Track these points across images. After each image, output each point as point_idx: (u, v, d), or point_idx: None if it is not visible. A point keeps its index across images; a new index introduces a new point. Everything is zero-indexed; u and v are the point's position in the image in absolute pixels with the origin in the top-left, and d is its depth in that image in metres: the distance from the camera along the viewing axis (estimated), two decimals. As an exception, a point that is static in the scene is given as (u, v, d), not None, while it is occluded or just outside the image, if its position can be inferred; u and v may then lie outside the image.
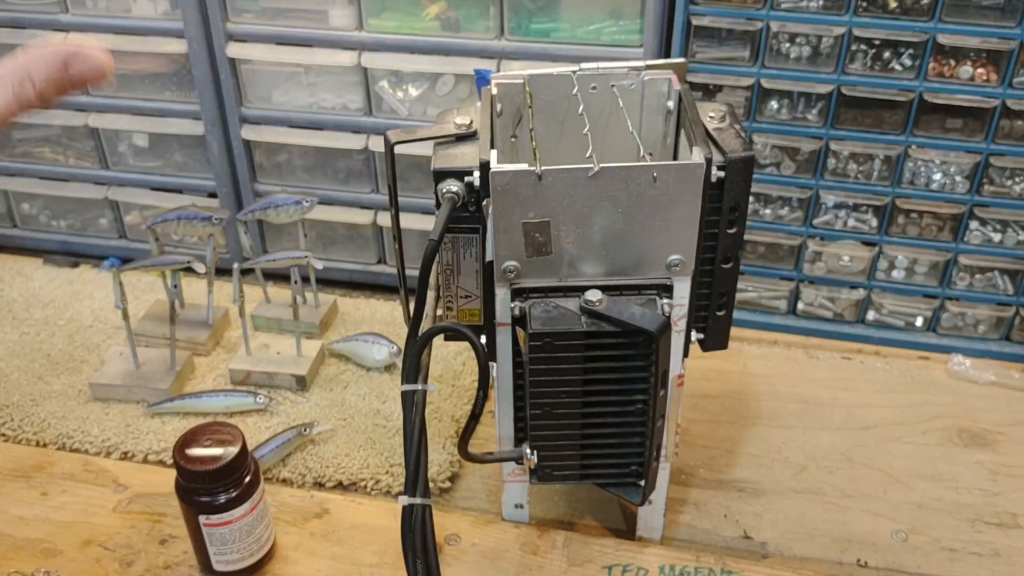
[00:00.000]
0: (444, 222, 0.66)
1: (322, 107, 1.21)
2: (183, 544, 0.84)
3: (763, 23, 1.02)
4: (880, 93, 1.04)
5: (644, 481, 0.77)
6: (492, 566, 0.84)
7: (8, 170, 1.36)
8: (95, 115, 1.28)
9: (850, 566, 0.88)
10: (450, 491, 0.95)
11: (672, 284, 0.71)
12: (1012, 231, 1.10)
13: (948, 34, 0.99)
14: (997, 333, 1.16)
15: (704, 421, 1.04)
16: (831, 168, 1.10)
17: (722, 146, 0.70)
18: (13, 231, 1.41)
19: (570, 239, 0.68)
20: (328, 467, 0.97)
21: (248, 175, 1.27)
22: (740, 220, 0.72)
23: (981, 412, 1.06)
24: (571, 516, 0.92)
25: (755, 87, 1.06)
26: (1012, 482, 0.97)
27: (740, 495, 0.95)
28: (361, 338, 1.12)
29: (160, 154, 1.31)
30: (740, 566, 0.83)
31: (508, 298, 0.71)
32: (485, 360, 0.70)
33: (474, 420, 0.71)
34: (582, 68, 0.77)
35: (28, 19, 1.23)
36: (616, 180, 0.66)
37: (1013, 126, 1.03)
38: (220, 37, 1.17)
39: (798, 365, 1.14)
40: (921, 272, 1.15)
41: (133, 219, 1.37)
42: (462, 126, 0.71)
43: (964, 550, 0.89)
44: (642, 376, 0.71)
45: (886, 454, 1.00)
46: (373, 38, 1.14)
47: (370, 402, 1.06)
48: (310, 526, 0.88)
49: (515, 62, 1.11)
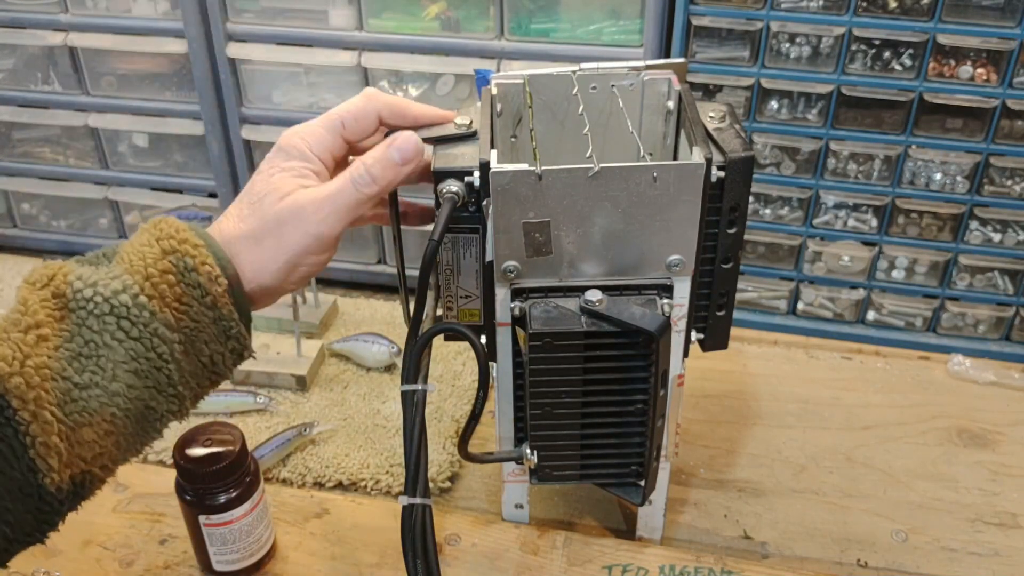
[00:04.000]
0: (444, 222, 0.66)
1: (322, 107, 1.21)
2: (183, 544, 0.84)
3: (763, 23, 1.03)
4: (880, 93, 1.04)
5: (644, 481, 0.77)
6: (492, 566, 0.84)
7: (8, 170, 1.36)
8: (95, 115, 1.28)
9: (850, 566, 0.88)
10: (450, 491, 0.95)
11: (672, 284, 0.71)
12: (1012, 231, 1.10)
13: (948, 34, 0.99)
14: (997, 333, 1.16)
15: (704, 421, 1.04)
16: (831, 168, 1.10)
17: (722, 146, 0.70)
18: (13, 231, 1.41)
19: (570, 239, 0.68)
20: (328, 467, 0.97)
21: (248, 175, 1.27)
22: (740, 220, 0.72)
23: (981, 412, 1.06)
24: (571, 516, 0.92)
25: (755, 87, 1.06)
26: (1012, 482, 0.97)
27: (740, 495, 0.95)
28: (361, 338, 1.12)
29: (160, 154, 1.31)
30: (740, 566, 0.83)
31: (508, 298, 0.71)
32: (485, 360, 0.70)
33: (474, 420, 0.71)
34: (582, 68, 0.77)
35: (28, 19, 1.23)
36: (616, 180, 0.66)
37: (1013, 126, 1.03)
38: (220, 37, 1.17)
39: (798, 365, 1.14)
40: (921, 272, 1.15)
41: (133, 219, 1.37)
42: (462, 126, 0.71)
43: (964, 550, 0.89)
44: (642, 376, 0.71)
45: (886, 454, 1.00)
46: (373, 38, 1.14)
47: (370, 402, 1.06)
48: (310, 526, 0.88)
49: (515, 62, 1.11)
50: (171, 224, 0.62)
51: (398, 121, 0.70)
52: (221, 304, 0.61)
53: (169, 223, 0.62)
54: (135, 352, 0.59)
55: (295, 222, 0.63)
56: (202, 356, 0.62)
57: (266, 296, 0.66)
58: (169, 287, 0.60)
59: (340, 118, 0.67)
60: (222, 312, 0.62)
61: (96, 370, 0.58)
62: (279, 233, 0.63)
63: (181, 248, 0.61)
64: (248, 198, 0.65)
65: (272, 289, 0.65)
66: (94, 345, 0.58)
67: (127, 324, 0.58)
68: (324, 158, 0.67)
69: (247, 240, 0.63)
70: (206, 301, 0.61)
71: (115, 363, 0.58)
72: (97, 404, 0.57)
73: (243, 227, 0.64)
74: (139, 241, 0.62)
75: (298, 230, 0.63)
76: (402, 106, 0.70)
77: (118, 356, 0.58)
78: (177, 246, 0.61)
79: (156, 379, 0.60)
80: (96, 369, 0.58)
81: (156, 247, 0.61)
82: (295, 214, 0.63)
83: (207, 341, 0.62)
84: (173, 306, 0.60)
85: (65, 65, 1.26)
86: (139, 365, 0.59)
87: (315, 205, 0.63)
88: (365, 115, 0.68)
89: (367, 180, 0.64)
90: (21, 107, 1.30)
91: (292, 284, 0.66)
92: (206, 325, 0.61)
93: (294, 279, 0.65)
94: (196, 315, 0.61)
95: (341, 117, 0.68)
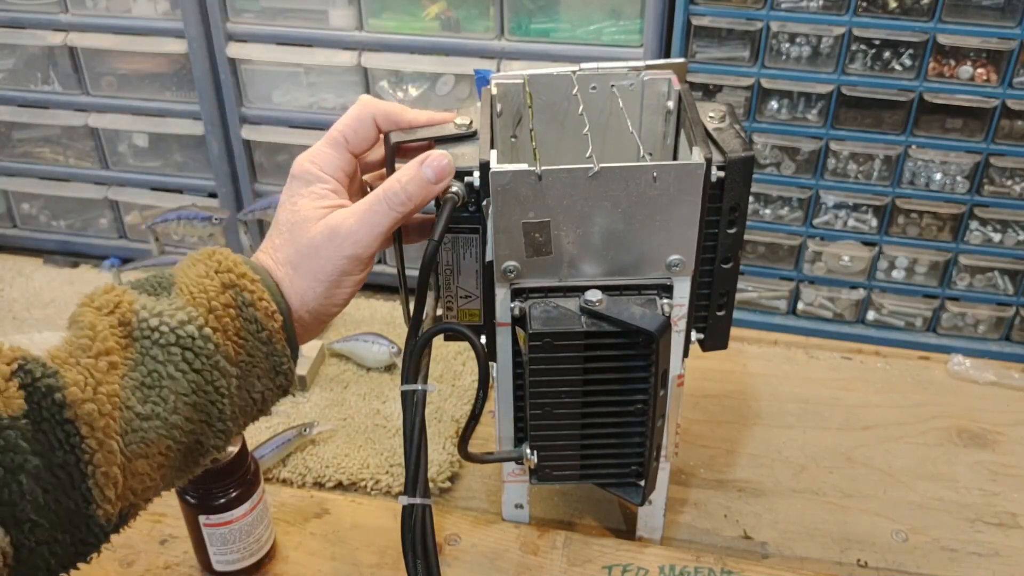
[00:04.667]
0: (444, 222, 0.66)
1: (322, 107, 1.21)
2: (183, 544, 0.84)
3: (763, 23, 1.03)
4: (880, 93, 1.04)
5: (644, 481, 0.77)
6: (492, 566, 0.84)
7: (8, 170, 1.36)
8: (95, 115, 1.28)
9: (850, 566, 0.88)
10: (450, 491, 0.95)
11: (672, 284, 0.71)
12: (1012, 231, 1.10)
13: (948, 34, 0.99)
14: (997, 333, 1.16)
15: (704, 421, 1.04)
16: (831, 168, 1.10)
17: (722, 146, 0.70)
18: (13, 231, 1.41)
19: (570, 239, 0.68)
20: (328, 467, 0.97)
21: (248, 175, 1.27)
22: (740, 220, 0.72)
23: (981, 412, 1.06)
24: (571, 516, 0.92)
25: (755, 87, 1.06)
26: (1012, 482, 0.97)
27: (740, 495, 0.95)
28: (361, 338, 1.12)
29: (160, 154, 1.31)
30: (740, 566, 0.83)
31: (508, 298, 0.71)
32: (485, 360, 0.70)
33: (474, 420, 0.71)
34: (582, 68, 0.77)
35: (28, 19, 1.23)
36: (616, 180, 0.66)
37: (1013, 126, 1.03)
38: (220, 37, 1.17)
39: (798, 365, 1.14)
40: (921, 272, 1.15)
41: (133, 219, 1.37)
42: (462, 126, 0.71)
43: (964, 550, 0.89)
44: (642, 376, 0.71)
45: (886, 454, 1.00)
46: (373, 38, 1.14)
47: (370, 402, 1.06)
48: (310, 526, 0.88)
49: (515, 62, 1.11)
50: (228, 257, 0.62)
51: (392, 127, 0.70)
52: (275, 340, 0.62)
53: (225, 255, 0.62)
54: (196, 384, 0.58)
55: (330, 246, 0.63)
56: (253, 392, 0.62)
57: (314, 322, 0.66)
58: (231, 320, 0.60)
59: (341, 133, 0.68)
60: (275, 347, 0.62)
61: (158, 401, 0.57)
62: (315, 257, 0.64)
63: (240, 283, 0.61)
64: (277, 230, 0.66)
65: (318, 314, 0.65)
66: (157, 375, 0.57)
67: (191, 356, 0.58)
68: (337, 176, 0.67)
69: (285, 268, 0.64)
70: (262, 336, 0.61)
71: (177, 395, 0.57)
72: (155, 435, 0.56)
73: (279, 256, 0.64)
74: (195, 272, 0.61)
75: (334, 253, 0.63)
76: (396, 112, 0.70)
77: (180, 388, 0.57)
78: (236, 280, 0.61)
79: (209, 413, 0.59)
80: (158, 400, 0.57)
81: (216, 280, 0.61)
82: (329, 238, 0.63)
83: (259, 376, 0.62)
84: (234, 339, 0.60)
85: (65, 65, 1.26)
86: (197, 398, 0.58)
87: (348, 227, 0.63)
88: (363, 124, 0.69)
89: (403, 199, 0.65)
90: (21, 107, 1.30)
91: (335, 307, 0.66)
92: (260, 360, 0.62)
93: (337, 302, 0.66)
94: (252, 350, 0.61)
95: (342, 132, 0.68)
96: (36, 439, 0.51)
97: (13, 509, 0.50)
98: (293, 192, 0.66)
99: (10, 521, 0.50)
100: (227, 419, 0.61)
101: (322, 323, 0.67)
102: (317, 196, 0.66)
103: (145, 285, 0.61)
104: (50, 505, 0.52)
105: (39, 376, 0.52)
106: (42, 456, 0.51)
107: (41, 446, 0.52)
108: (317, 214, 0.65)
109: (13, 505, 0.50)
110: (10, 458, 0.50)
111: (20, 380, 0.52)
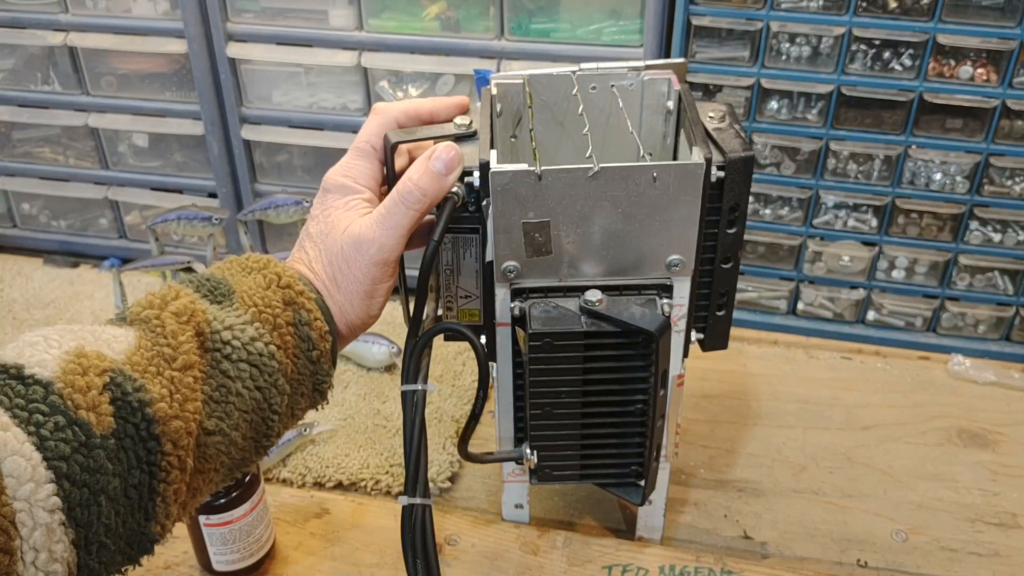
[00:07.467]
0: (444, 222, 0.66)
1: (322, 107, 1.21)
2: (183, 544, 0.84)
3: (763, 23, 1.03)
4: (880, 93, 1.04)
5: (644, 481, 0.77)
6: (492, 566, 0.84)
7: (8, 170, 1.36)
8: (95, 115, 1.28)
9: (850, 566, 0.88)
10: (450, 491, 0.95)
11: (672, 284, 0.71)
12: (1012, 231, 1.10)
13: (948, 34, 0.99)
14: (997, 333, 1.16)
15: (704, 421, 1.04)
16: (831, 168, 1.10)
17: (722, 146, 0.70)
18: (13, 231, 1.41)
19: (570, 239, 0.68)
20: (328, 467, 0.97)
21: (248, 175, 1.27)
22: (740, 220, 0.72)
23: (981, 412, 1.06)
24: (571, 516, 0.92)
25: (755, 87, 1.06)
26: (1012, 482, 0.97)
27: (740, 495, 0.95)
28: (361, 338, 1.11)
29: (160, 154, 1.31)
30: (740, 566, 0.83)
31: (508, 298, 0.71)
32: (485, 360, 0.70)
33: (474, 420, 0.71)
34: (582, 68, 0.77)
35: (28, 19, 1.23)
36: (616, 180, 0.66)
37: (1013, 126, 1.03)
38: (220, 37, 1.17)
39: (798, 365, 1.14)
40: (921, 272, 1.15)
41: (133, 219, 1.37)
42: (462, 126, 0.71)
43: (964, 550, 0.89)
44: (642, 376, 0.71)
45: (886, 454, 1.00)
46: (373, 38, 1.14)
47: (370, 402, 1.06)
48: (310, 526, 0.88)
49: (515, 62, 1.11)
50: (285, 271, 0.62)
51: (414, 122, 0.70)
52: (323, 360, 0.62)
53: (282, 269, 0.62)
54: (256, 402, 0.57)
55: (357, 255, 0.63)
56: (297, 409, 0.62)
57: (349, 336, 0.66)
58: (291, 338, 0.59)
59: (368, 143, 0.68)
60: (322, 367, 0.62)
61: (223, 416, 0.55)
62: (348, 269, 0.64)
63: (299, 300, 0.60)
64: (311, 241, 0.65)
65: (354, 327, 0.65)
66: (225, 391, 0.56)
67: (256, 373, 0.57)
68: (370, 185, 0.67)
69: (324, 282, 0.64)
70: (312, 355, 0.61)
71: (240, 411, 0.56)
72: (215, 451, 0.55)
73: (316, 268, 0.64)
74: (254, 282, 0.60)
75: (363, 261, 0.63)
76: (413, 107, 0.70)
77: (244, 404, 0.56)
78: (295, 297, 0.60)
79: (260, 431, 0.59)
80: (223, 415, 0.55)
81: (278, 294, 0.60)
82: (356, 247, 0.63)
83: (303, 394, 0.62)
84: (291, 358, 0.60)
85: (65, 65, 1.26)
86: (254, 416, 0.57)
87: (371, 233, 0.63)
88: (385, 131, 0.69)
89: (418, 196, 0.64)
90: (21, 107, 1.30)
91: (371, 319, 0.66)
92: (306, 379, 0.61)
93: (373, 313, 0.66)
94: (302, 368, 0.61)
95: (368, 142, 0.68)
96: (118, 458, 0.50)
97: (88, 531, 0.49)
98: (327, 205, 0.66)
99: (82, 544, 0.49)
100: (273, 436, 0.60)
101: (355, 336, 0.67)
102: (347, 207, 0.66)
103: (203, 289, 0.59)
104: (118, 527, 0.51)
105: (129, 391, 0.51)
106: (121, 477, 0.50)
107: (122, 466, 0.50)
108: (347, 224, 0.65)
109: (89, 527, 0.49)
110: (96, 479, 0.49)
111: (111, 394, 0.50)
